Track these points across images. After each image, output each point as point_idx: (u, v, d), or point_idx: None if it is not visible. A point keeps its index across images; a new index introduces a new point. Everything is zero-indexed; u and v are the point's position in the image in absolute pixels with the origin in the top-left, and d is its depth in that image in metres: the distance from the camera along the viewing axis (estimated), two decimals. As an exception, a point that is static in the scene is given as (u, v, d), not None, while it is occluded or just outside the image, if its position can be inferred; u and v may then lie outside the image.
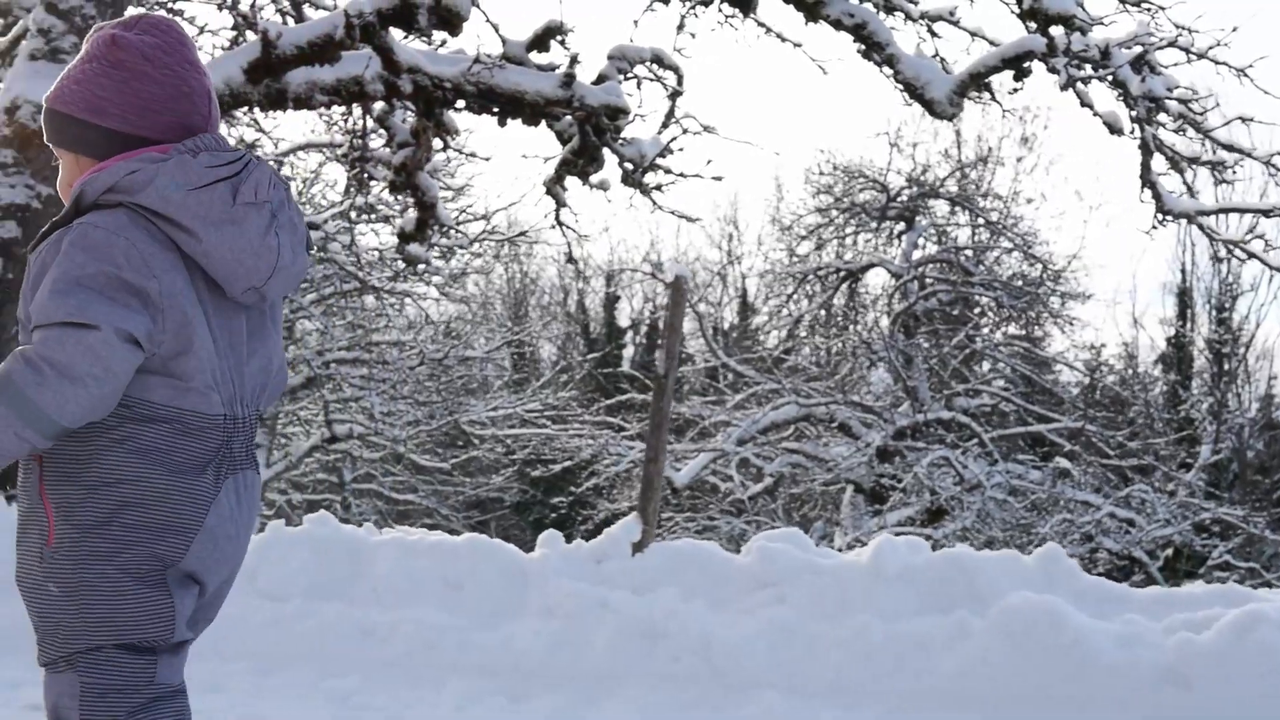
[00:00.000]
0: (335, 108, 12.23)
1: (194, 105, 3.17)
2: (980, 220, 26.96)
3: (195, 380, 3.09)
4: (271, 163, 17.41)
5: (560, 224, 12.29)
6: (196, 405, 3.10)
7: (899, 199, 26.53)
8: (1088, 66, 10.76)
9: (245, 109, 11.31)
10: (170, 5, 13.85)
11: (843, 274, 26.78)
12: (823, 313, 27.33)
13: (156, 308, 3.01)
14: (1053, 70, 10.73)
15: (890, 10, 11.58)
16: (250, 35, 13.40)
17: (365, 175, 14.29)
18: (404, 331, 26.03)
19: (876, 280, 27.83)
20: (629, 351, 39.29)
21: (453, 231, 14.83)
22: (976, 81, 10.97)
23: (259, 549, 8.33)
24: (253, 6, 13.64)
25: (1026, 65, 10.90)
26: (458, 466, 29.90)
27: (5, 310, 10.38)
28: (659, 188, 12.04)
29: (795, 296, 27.88)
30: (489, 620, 7.87)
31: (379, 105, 12.10)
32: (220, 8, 13.80)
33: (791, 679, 7.34)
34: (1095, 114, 10.97)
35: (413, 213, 12.32)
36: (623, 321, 40.04)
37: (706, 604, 7.68)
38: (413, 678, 7.61)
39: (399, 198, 14.55)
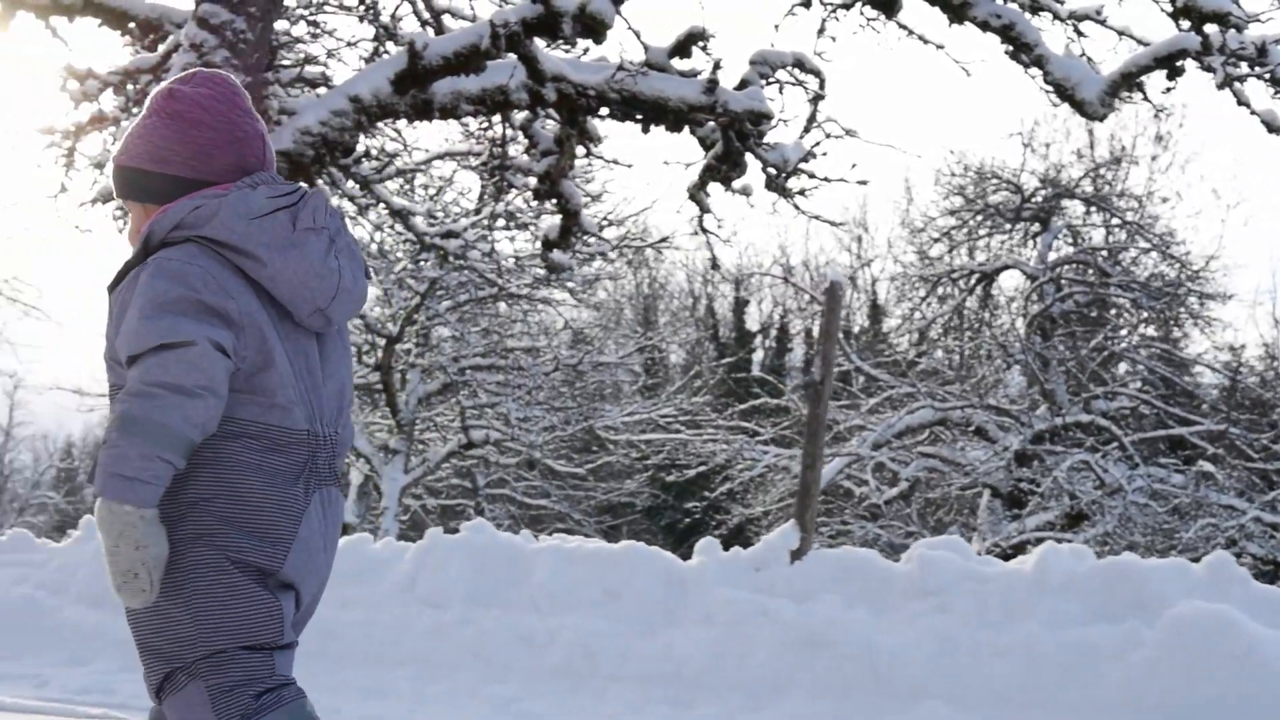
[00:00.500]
0: (478, 117, 12.29)
1: (249, 148, 3.37)
2: (1116, 220, 26.54)
3: (278, 396, 3.21)
4: (401, 172, 17.55)
5: (704, 230, 12.26)
6: (281, 420, 3.22)
7: (1033, 200, 26.20)
8: (1244, 64, 10.54)
9: (389, 119, 11.40)
10: (311, 18, 14.01)
11: (977, 276, 26.49)
12: (956, 316, 27.05)
13: (237, 325, 3.14)
14: (1208, 69, 10.52)
15: (1036, 10, 11.42)
16: (390, 46, 13.54)
17: (505, 183, 14.38)
18: (536, 337, 26.16)
19: (1010, 282, 27.50)
20: (758, 356, 39.19)
21: (595, 238, 14.82)
22: (1128, 81, 10.79)
23: (418, 556, 8.39)
24: (393, 17, 13.79)
25: (1180, 64, 10.70)
26: (590, 471, 29.97)
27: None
28: (802, 192, 11.97)
29: (928, 299, 27.62)
30: (648, 628, 7.85)
31: (522, 114, 12.15)
32: (361, 20, 13.96)
33: (955, 689, 7.25)
34: (1253, 112, 10.74)
35: (556, 220, 12.35)
36: (752, 326, 39.95)
37: (868, 612, 7.60)
38: (573, 685, 7.62)
39: (541, 205, 14.61)
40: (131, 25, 12.35)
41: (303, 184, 3.38)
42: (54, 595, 8.91)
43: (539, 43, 10.78)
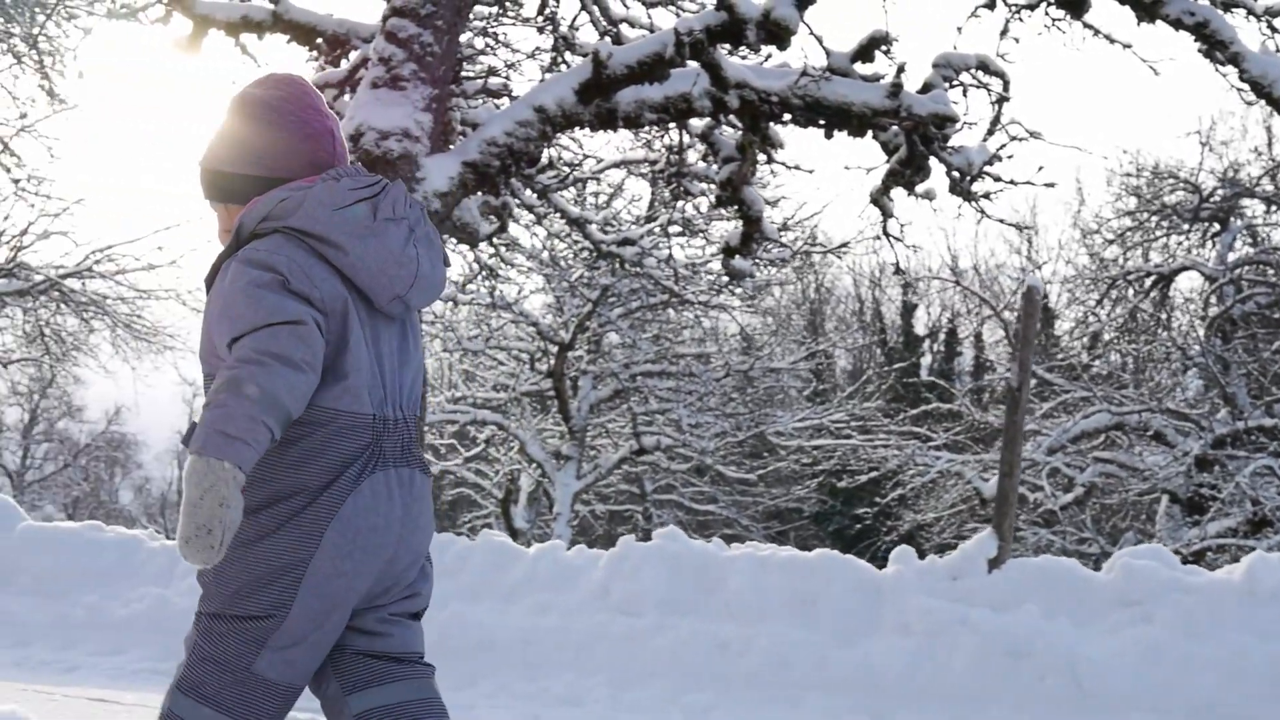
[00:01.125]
0: (660, 126, 12.32)
1: (319, 144, 3.53)
2: (1298, 219, 25.89)
3: (352, 379, 3.34)
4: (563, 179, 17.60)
5: (887, 235, 12.18)
6: (350, 405, 3.34)
7: (1211, 199, 25.63)
8: None
9: (573, 129, 11.48)
10: (491, 30, 14.15)
11: (1153, 278, 25.99)
12: (1131, 318, 26.55)
13: (321, 310, 3.29)
14: None
15: (1229, 7, 11.18)
16: (570, 56, 13.64)
17: (682, 190, 14.41)
18: (704, 344, 26.18)
19: (1187, 284, 26.93)
20: (926, 360, 38.83)
21: (776, 244, 14.78)
22: (1328, 77, 10.52)
23: (612, 563, 8.42)
24: (571, 28, 13.89)
25: (1381, 58, 10.41)
26: (759, 477, 29.91)
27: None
28: (986, 196, 11.83)
29: (1101, 302, 27.15)
30: (844, 637, 7.81)
31: (704, 121, 12.17)
32: (540, 31, 14.08)
33: (1160, 701, 7.11)
34: None
35: (737, 226, 12.34)
36: (920, 330, 39.62)
37: (1069, 622, 7.49)
38: (769, 694, 7.60)
39: (720, 211, 14.61)
40: (319, 40, 12.57)
41: (382, 176, 3.48)
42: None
43: (722, 50, 10.78)
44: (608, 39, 12.91)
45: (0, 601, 9.69)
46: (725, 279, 22.09)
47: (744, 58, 11.86)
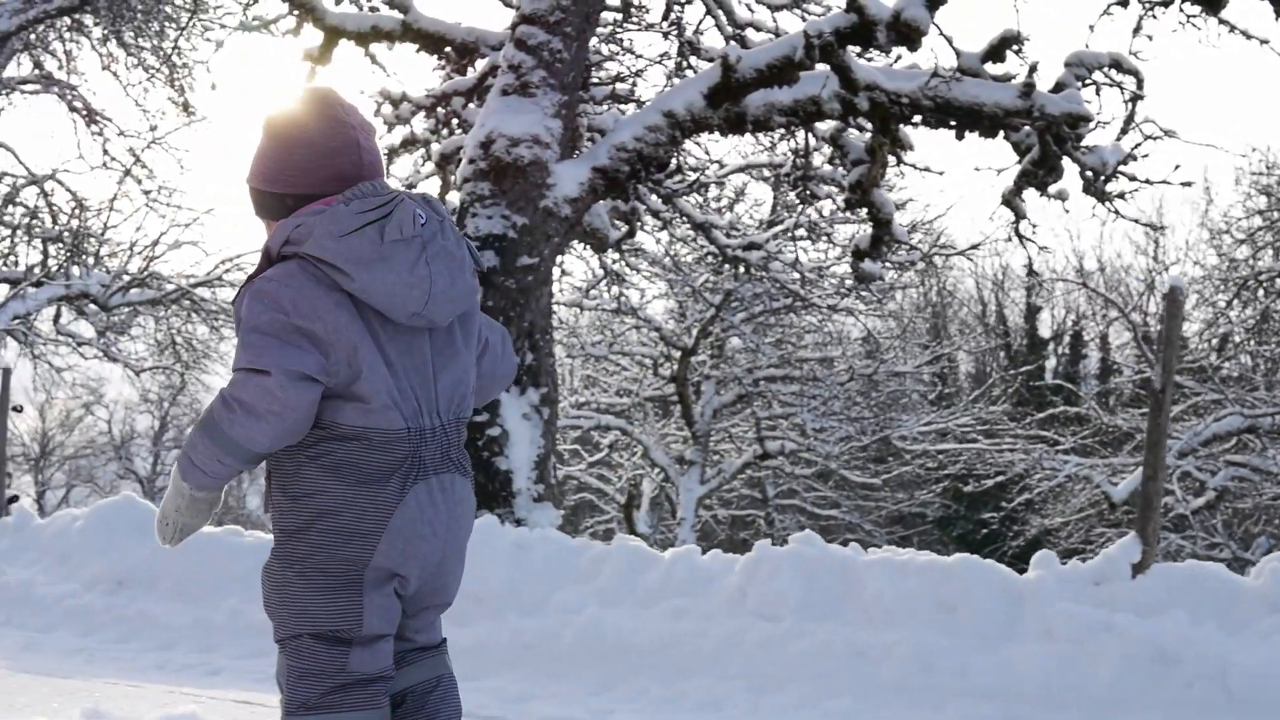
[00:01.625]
0: (789, 129, 12.28)
1: (345, 157, 3.62)
2: None
3: (374, 401, 3.49)
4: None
5: (1019, 236, 12.05)
6: (378, 423, 3.50)
7: (1348, 196, 25.11)
8: None
9: (702, 133, 11.48)
10: (617, 36, 14.19)
11: (1287, 278, 25.49)
12: (1262, 320, 26.03)
13: (326, 344, 3.43)
14: None
15: (1372, -1, 10.94)
16: (695, 61, 13.64)
17: (808, 193, 14.36)
18: (826, 348, 26.06)
19: (1322, 284, 26.33)
20: (1050, 363, 38.36)
21: (907, 247, 14.67)
22: None
23: (748, 568, 8.38)
24: (696, 32, 13.90)
25: None
26: (882, 482, 29.72)
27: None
28: (1121, 195, 11.67)
29: (1232, 303, 26.64)
30: (985, 643, 7.70)
31: (832, 123, 12.12)
32: (665, 36, 14.10)
33: (1314, 708, 6.95)
34: None
35: (866, 229, 12.27)
36: (1044, 332, 39.15)
37: (1218, 628, 7.34)
38: (910, 700, 7.52)
39: (847, 214, 14.53)
40: (448, 49, 12.69)
41: (395, 193, 3.56)
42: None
43: (852, 52, 10.74)
44: (734, 43, 12.91)
45: (143, 605, 9.83)
46: (850, 282, 22.00)
47: (870, 59, 11.80)
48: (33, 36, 24.82)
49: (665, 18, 13.84)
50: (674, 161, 13.36)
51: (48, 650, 9.04)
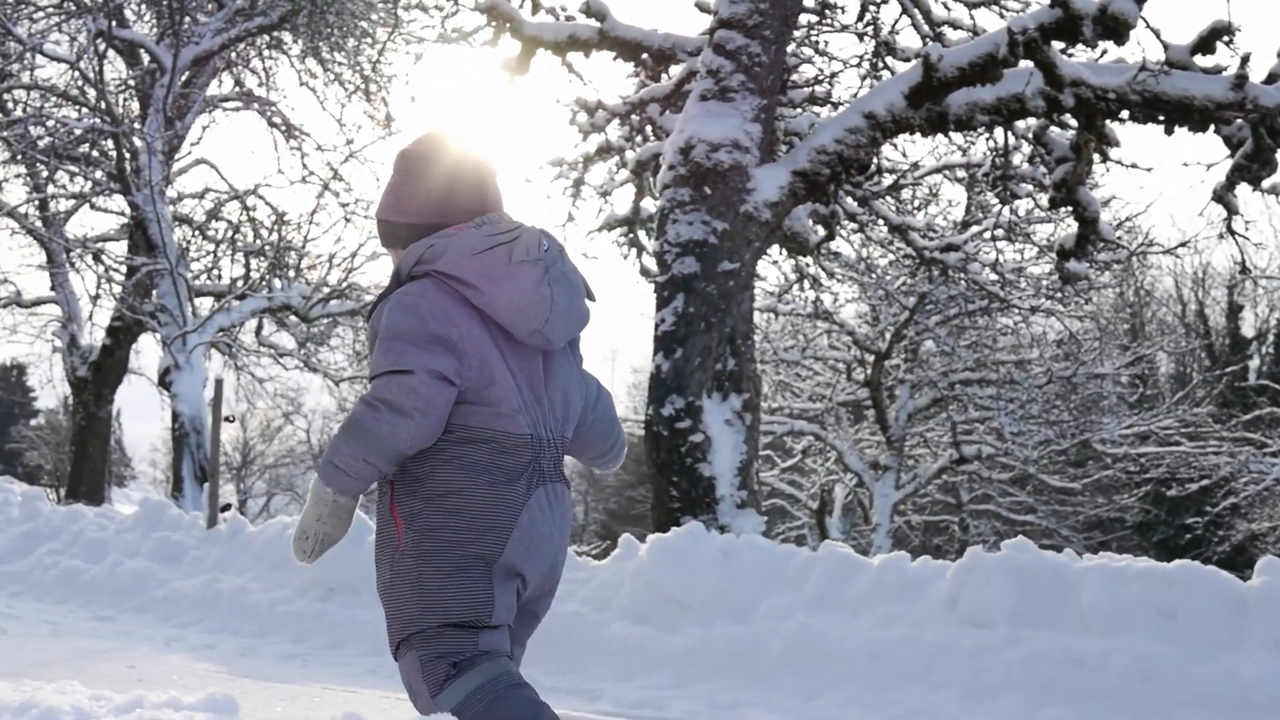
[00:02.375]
0: (992, 128, 12.10)
1: (472, 192, 3.92)
2: None
3: (503, 406, 3.75)
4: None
5: (1232, 233, 11.73)
6: (507, 427, 3.75)
7: None
8: None
9: (903, 134, 11.35)
10: (812, 39, 14.11)
11: None
12: None
13: (460, 350, 3.69)
14: None
15: None
16: (891, 61, 13.50)
17: (1008, 193, 14.13)
18: (1021, 350, 25.65)
19: None
20: (1254, 363, 37.35)
21: (1113, 245, 14.38)
22: None
23: (959, 575, 8.25)
24: (892, 32, 13.76)
25: None
26: (1081, 486, 29.16)
27: (689, 342, 10.75)
28: (1346, 189, 11.30)
29: None
30: (1208, 651, 7.48)
31: (1035, 121, 11.91)
32: (860, 37, 13.98)
33: None
34: None
35: (1071, 228, 12.04)
36: (1247, 331, 38.12)
37: None
38: (1130, 709, 7.34)
39: (1052, 213, 14.28)
40: (644, 56, 12.72)
41: (516, 223, 3.86)
42: (599, 611, 9.17)
43: (1056, 47, 10.54)
44: (933, 42, 12.75)
45: (354, 612, 9.97)
46: (1046, 282, 21.65)
47: (1070, 54, 11.58)
48: (234, 55, 25.49)
49: (861, 18, 13.72)
50: (873, 163, 13.25)
51: (264, 655, 9.23)
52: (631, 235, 15.48)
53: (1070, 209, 11.78)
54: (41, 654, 8.43)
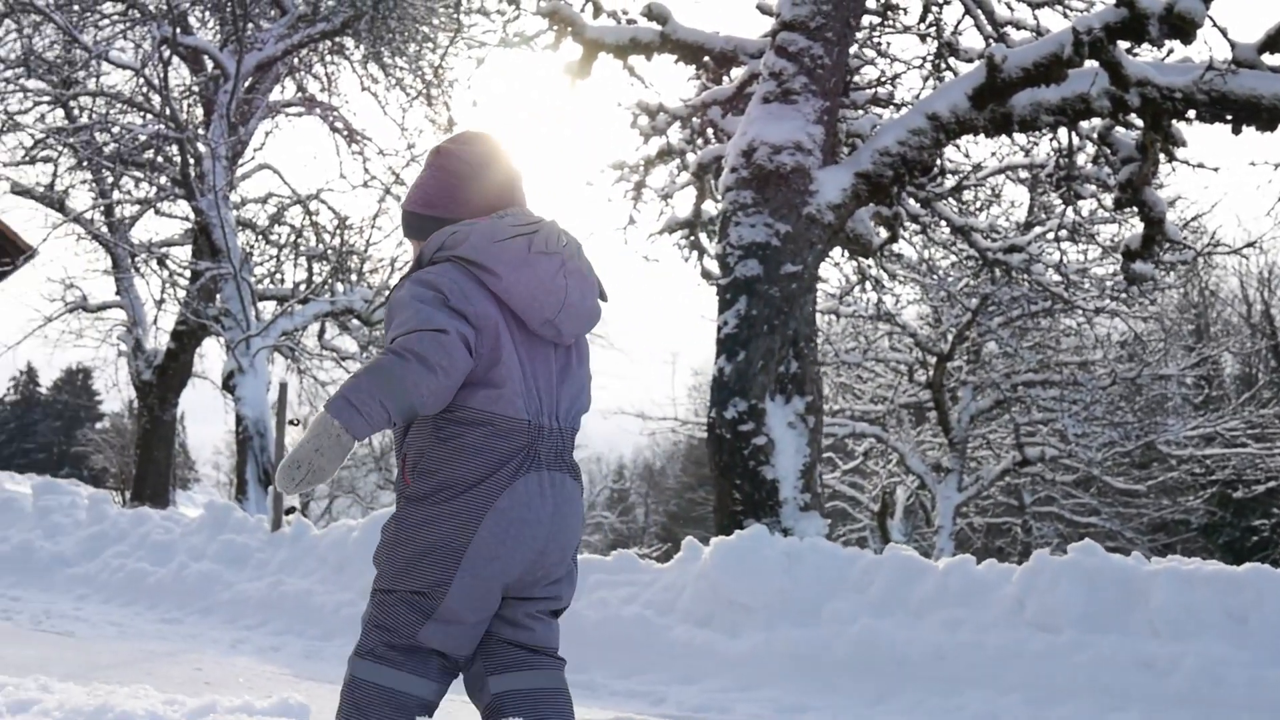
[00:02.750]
0: (1056, 128, 12.02)
1: (496, 193, 4.07)
2: None
3: (506, 387, 3.83)
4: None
5: (1302, 233, 11.59)
6: (505, 410, 3.83)
7: None
8: None
9: (966, 135, 11.29)
10: (874, 40, 14.06)
11: None
12: None
13: (474, 326, 3.80)
14: None
15: None
16: (953, 62, 13.44)
17: (1072, 194, 14.03)
18: (1090, 350, 25.46)
19: None
20: (1321, 364, 36.95)
21: (1180, 246, 14.25)
22: None
23: (1025, 578, 8.21)
24: (954, 33, 13.69)
25: None
26: (1146, 488, 28.92)
27: (751, 345, 10.73)
28: None
29: None
30: (1279, 655, 7.41)
31: (1100, 121, 11.83)
32: (923, 39, 13.93)
33: None
34: None
35: (1137, 229, 11.94)
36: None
37: None
38: (1200, 714, 7.28)
39: (1113, 213, 14.17)
40: (706, 59, 12.71)
41: (541, 217, 4.00)
42: (662, 614, 9.17)
43: (1122, 47, 10.46)
44: (996, 43, 12.68)
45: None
46: (1110, 283, 21.49)
47: (1136, 54, 11.49)
48: (296, 60, 25.64)
49: (923, 19, 13.67)
50: (936, 165, 13.19)
51: (329, 658, 9.27)
52: (692, 238, 15.47)
53: (1136, 209, 11.69)
54: (110, 656, 8.51)
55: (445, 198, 4.09)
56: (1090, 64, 10.62)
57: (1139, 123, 11.30)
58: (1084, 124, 12.55)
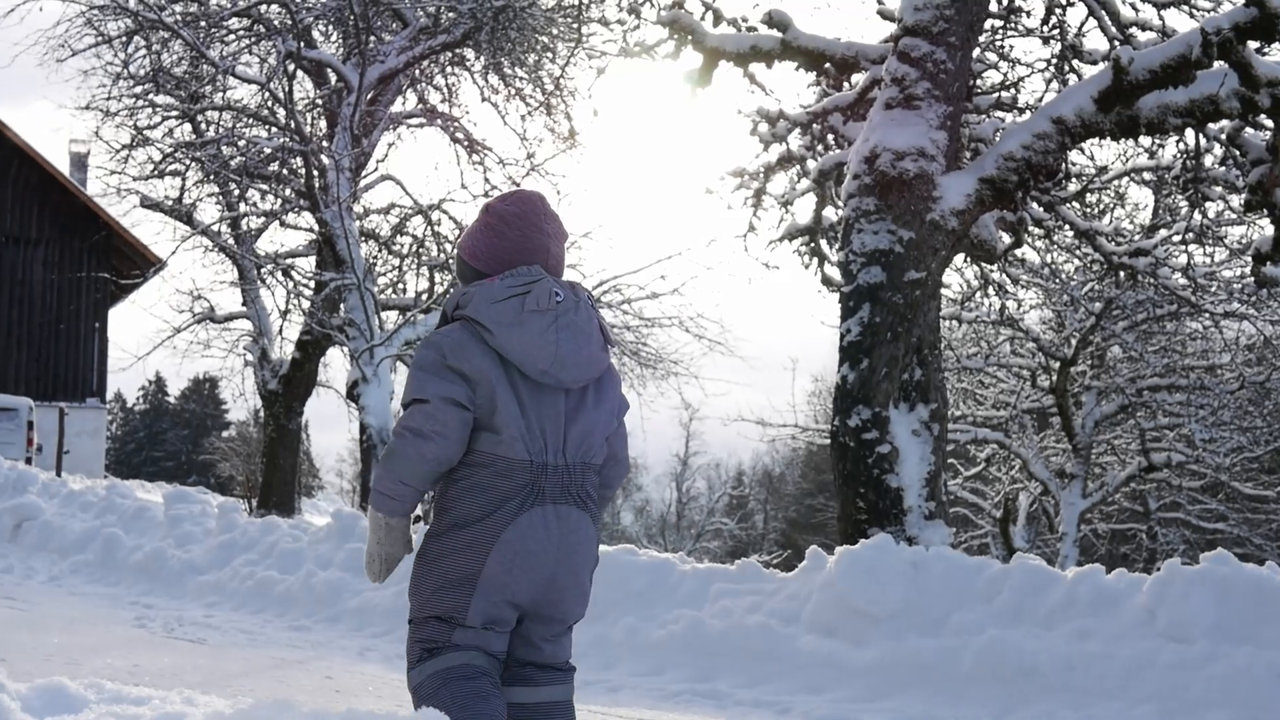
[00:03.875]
0: (1184, 130, 11.84)
1: (530, 255, 4.42)
2: None
3: (504, 432, 4.22)
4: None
5: None
6: (505, 452, 4.22)
7: None
8: None
9: (1092, 139, 11.16)
10: (997, 44, 13.94)
11: None
12: None
13: (471, 381, 4.21)
14: None
15: None
16: (1077, 64, 13.30)
17: (1199, 196, 13.83)
18: (1218, 355, 25.06)
19: None
20: None
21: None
22: None
23: (1156, 588, 8.09)
24: (1078, 35, 13.54)
25: None
26: (1277, 494, 28.39)
27: (875, 352, 10.70)
28: None
29: None
30: None
31: (1228, 123, 11.64)
32: (1045, 41, 13.80)
33: None
34: None
35: (1267, 231, 11.73)
36: None
37: None
38: (1338, 728, 7.13)
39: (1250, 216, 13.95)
40: (827, 65, 12.67)
41: (539, 276, 4.36)
42: (786, 624, 9.14)
43: (1251, 47, 10.29)
44: (1122, 44, 12.53)
45: (541, 622, 10.04)
46: (1239, 286, 21.15)
47: (1266, 54, 11.30)
48: (418, 72, 25.91)
49: (1046, 21, 13.54)
50: (1061, 169, 13.05)
51: (455, 666, 9.32)
52: (813, 245, 15.42)
53: (1266, 212, 11.48)
54: (241, 664, 8.64)
55: (482, 250, 4.46)
56: (1219, 65, 10.46)
57: (1269, 124, 11.10)
58: (1212, 125, 12.36)
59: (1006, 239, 12.62)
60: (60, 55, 24.29)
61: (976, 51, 13.05)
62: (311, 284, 25.32)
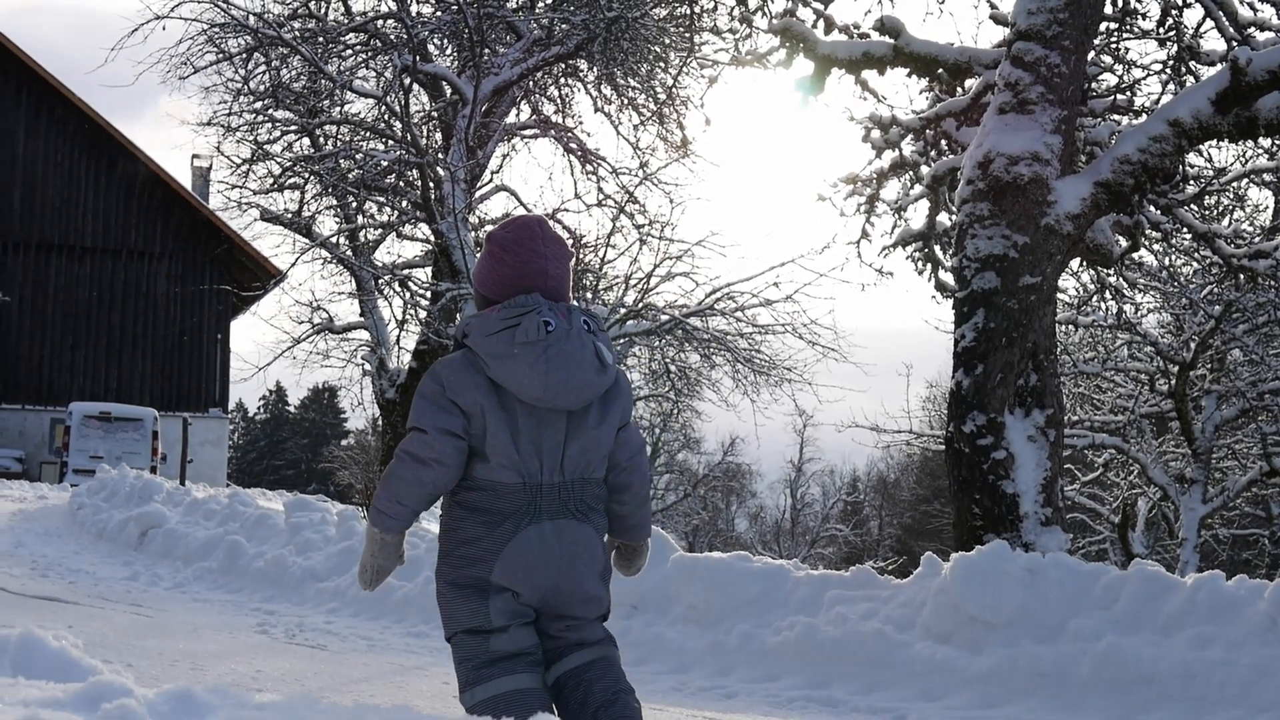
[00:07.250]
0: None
1: (531, 281, 4.64)
2: None
3: (494, 460, 4.50)
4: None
5: None
6: (499, 478, 4.52)
7: None
8: None
9: (1210, 141, 11.05)
10: (1112, 46, 13.83)
11: None
12: None
13: (466, 412, 4.48)
14: None
15: None
16: (1194, 66, 13.16)
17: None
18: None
19: None
20: None
21: None
22: None
23: (1277, 594, 8.00)
24: (1195, 36, 13.40)
25: None
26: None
27: (990, 358, 10.66)
28: None
29: None
30: None
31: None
32: (1161, 43, 13.67)
33: None
34: None
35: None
36: None
37: None
38: None
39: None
40: (939, 71, 12.64)
41: (532, 306, 4.56)
42: (901, 630, 9.13)
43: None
44: (1240, 45, 12.39)
45: (658, 629, 10.10)
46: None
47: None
48: (531, 84, 26.11)
49: (1162, 23, 13.41)
50: (1178, 172, 12.92)
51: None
52: (927, 250, 15.38)
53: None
54: (361, 669, 8.78)
55: (487, 277, 4.72)
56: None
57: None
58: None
59: (1123, 243, 12.52)
60: (183, 73, 24.76)
61: (1091, 54, 12.96)
62: (428, 294, 25.59)
